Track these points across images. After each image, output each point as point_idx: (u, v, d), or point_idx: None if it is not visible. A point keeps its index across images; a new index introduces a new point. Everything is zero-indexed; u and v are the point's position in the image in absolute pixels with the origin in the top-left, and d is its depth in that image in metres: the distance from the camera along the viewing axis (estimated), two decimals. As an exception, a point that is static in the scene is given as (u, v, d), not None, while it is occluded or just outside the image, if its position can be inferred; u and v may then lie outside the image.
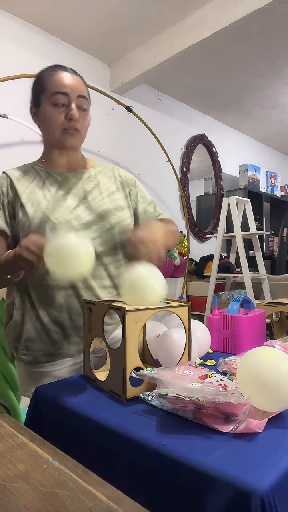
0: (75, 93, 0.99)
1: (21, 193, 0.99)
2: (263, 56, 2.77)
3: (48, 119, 1.00)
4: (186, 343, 0.83)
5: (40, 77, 1.02)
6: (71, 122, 0.99)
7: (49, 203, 0.98)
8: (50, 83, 0.99)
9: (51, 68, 1.02)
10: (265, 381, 0.60)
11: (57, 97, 0.97)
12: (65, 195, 1.02)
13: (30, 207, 0.97)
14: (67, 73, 1.00)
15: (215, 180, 3.92)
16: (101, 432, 0.63)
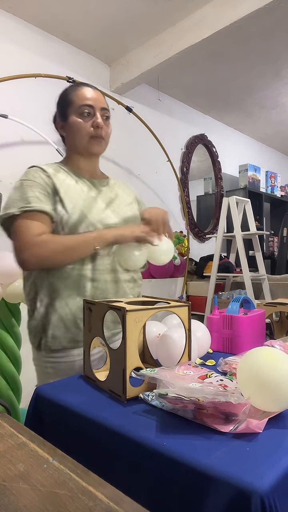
0: (99, 105, 1.11)
1: (59, 187, 1.06)
2: (263, 56, 2.77)
3: (76, 129, 1.10)
4: (186, 343, 0.83)
5: (65, 94, 1.14)
6: (97, 130, 1.10)
7: (85, 201, 1.08)
8: (76, 97, 1.11)
9: (75, 85, 1.15)
10: (265, 381, 0.60)
11: (84, 108, 1.09)
12: (95, 197, 1.12)
13: (69, 202, 1.05)
14: (90, 88, 1.13)
15: (215, 180, 3.92)
16: (101, 432, 0.63)
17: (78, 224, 1.03)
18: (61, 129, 1.16)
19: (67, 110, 1.12)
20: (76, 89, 1.13)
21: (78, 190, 1.09)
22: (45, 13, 2.31)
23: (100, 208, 1.10)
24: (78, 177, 1.13)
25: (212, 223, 3.84)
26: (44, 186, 1.05)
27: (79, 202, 1.06)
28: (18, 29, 2.35)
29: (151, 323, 1.00)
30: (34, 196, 1.02)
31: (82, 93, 1.11)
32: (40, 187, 1.04)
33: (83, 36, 2.53)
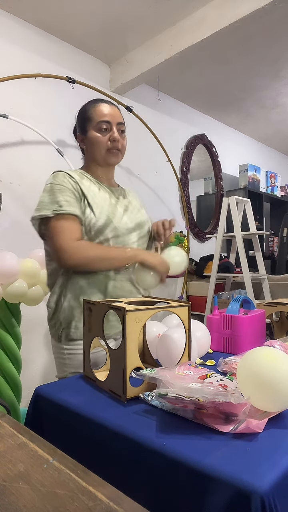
0: (115, 120, 1.22)
1: (86, 193, 1.16)
2: (263, 56, 2.77)
3: (95, 142, 1.21)
4: (186, 343, 0.83)
5: (84, 110, 1.24)
6: (114, 143, 1.21)
7: (109, 208, 1.19)
8: (95, 114, 1.21)
9: (94, 101, 1.25)
10: (265, 381, 0.60)
11: (102, 124, 1.20)
12: (115, 204, 1.23)
13: (96, 208, 1.15)
14: (107, 105, 1.23)
15: (215, 180, 3.92)
16: (101, 432, 0.63)
17: (104, 227, 1.14)
18: (81, 142, 1.27)
19: (86, 125, 1.23)
20: (95, 106, 1.23)
21: (102, 196, 1.20)
22: (45, 13, 2.31)
23: (120, 214, 1.21)
24: (100, 184, 1.24)
25: (212, 223, 3.84)
26: (72, 190, 1.14)
27: (104, 207, 1.17)
28: (18, 29, 2.35)
29: (151, 323, 1.00)
30: (65, 200, 1.11)
31: (100, 110, 1.21)
32: (69, 192, 1.13)
33: (83, 36, 2.53)
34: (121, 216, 1.21)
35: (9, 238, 2.22)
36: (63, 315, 1.13)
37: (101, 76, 2.83)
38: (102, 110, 1.21)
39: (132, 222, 1.24)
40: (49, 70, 2.41)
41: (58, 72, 2.43)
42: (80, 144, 1.29)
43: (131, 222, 1.24)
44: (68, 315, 1.12)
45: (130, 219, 1.24)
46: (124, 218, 1.22)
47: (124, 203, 1.28)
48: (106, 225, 1.15)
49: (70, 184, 1.15)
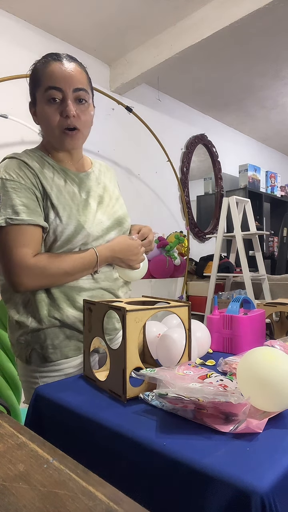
0: (71, 86, 0.89)
1: (50, 192, 0.91)
2: (263, 56, 2.77)
3: (45, 119, 0.91)
4: (186, 343, 0.83)
5: (34, 70, 0.93)
6: (68, 120, 0.90)
7: (79, 207, 0.94)
8: (43, 77, 0.89)
9: (44, 59, 0.92)
10: (265, 381, 0.60)
11: (50, 92, 0.88)
12: (87, 199, 0.98)
13: (63, 211, 0.91)
14: (61, 63, 0.90)
15: (215, 180, 3.92)
16: (101, 432, 0.63)
17: (74, 236, 0.91)
18: (33, 114, 0.97)
19: (35, 92, 0.92)
20: (44, 66, 0.90)
21: (69, 192, 0.95)
22: (45, 13, 2.31)
23: (93, 212, 0.97)
24: (65, 173, 0.97)
25: (212, 223, 3.84)
26: (31, 189, 0.89)
27: (73, 209, 0.93)
28: (18, 29, 2.35)
29: (151, 323, 1.00)
30: (22, 204, 0.86)
31: (49, 72, 0.88)
32: (27, 191, 0.88)
33: (83, 36, 2.53)
34: (94, 214, 0.96)
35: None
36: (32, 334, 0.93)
37: (101, 76, 2.83)
38: (51, 72, 0.88)
39: (109, 219, 1.00)
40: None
41: (58, 72, 2.43)
42: (33, 118, 0.98)
43: (108, 219, 1.00)
44: (39, 334, 0.92)
45: (106, 215, 1.00)
46: (98, 216, 0.97)
47: (98, 192, 1.02)
48: (76, 233, 0.91)
49: (28, 178, 0.89)
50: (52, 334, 0.93)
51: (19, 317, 0.94)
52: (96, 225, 0.96)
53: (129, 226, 1.08)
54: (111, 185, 1.09)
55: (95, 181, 1.04)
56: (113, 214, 1.02)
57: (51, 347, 0.93)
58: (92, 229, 0.95)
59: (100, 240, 0.98)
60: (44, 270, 0.88)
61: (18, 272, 0.86)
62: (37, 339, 0.93)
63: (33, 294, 0.92)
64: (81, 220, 0.93)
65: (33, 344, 0.94)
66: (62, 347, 0.94)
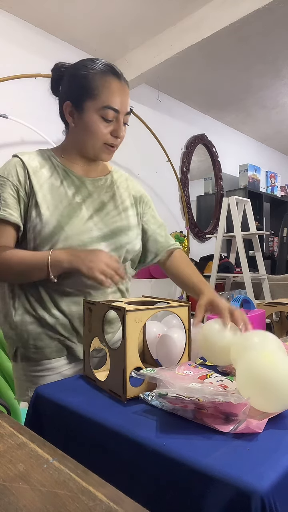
0: (125, 110, 0.94)
1: (37, 191, 0.92)
2: (263, 56, 2.77)
3: (91, 131, 0.93)
4: (186, 343, 0.83)
5: (87, 77, 0.91)
6: (116, 140, 0.96)
7: (65, 209, 0.93)
8: (102, 93, 0.90)
9: (104, 71, 0.92)
10: (264, 382, 0.60)
11: (108, 112, 0.91)
12: (80, 203, 0.96)
13: (46, 210, 0.91)
14: (120, 83, 0.93)
15: (215, 180, 3.92)
16: (101, 432, 0.63)
17: (51, 236, 0.90)
18: (70, 115, 0.96)
19: (84, 99, 0.92)
20: (104, 78, 0.91)
21: (61, 193, 0.94)
22: (45, 13, 2.31)
23: (83, 218, 0.94)
24: (66, 174, 0.98)
25: (212, 223, 3.84)
26: (16, 186, 0.91)
27: (57, 209, 0.92)
28: (18, 29, 2.35)
29: (151, 323, 1.00)
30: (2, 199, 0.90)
31: (111, 91, 0.90)
32: (11, 188, 0.91)
33: (83, 36, 2.53)
34: (83, 221, 0.94)
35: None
36: (15, 331, 0.94)
37: (101, 76, 2.83)
38: (114, 91, 0.91)
39: (102, 229, 0.96)
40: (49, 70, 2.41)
41: (58, 72, 2.43)
42: (66, 115, 0.96)
43: (100, 228, 0.96)
44: (22, 332, 0.93)
45: (101, 224, 0.97)
46: (88, 224, 0.94)
47: (101, 199, 1.00)
48: (54, 233, 0.90)
49: (17, 177, 0.92)
50: (35, 333, 0.94)
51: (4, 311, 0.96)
52: (82, 231, 0.93)
53: (126, 240, 1.00)
54: (124, 195, 1.06)
55: (103, 188, 1.03)
56: (109, 224, 0.99)
57: (33, 347, 0.94)
58: (74, 233, 0.92)
59: (89, 248, 0.93)
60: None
61: None
62: (21, 338, 0.94)
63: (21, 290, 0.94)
64: (62, 221, 0.92)
65: (17, 343, 0.95)
66: (44, 347, 0.94)
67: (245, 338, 0.78)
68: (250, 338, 0.77)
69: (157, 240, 1.11)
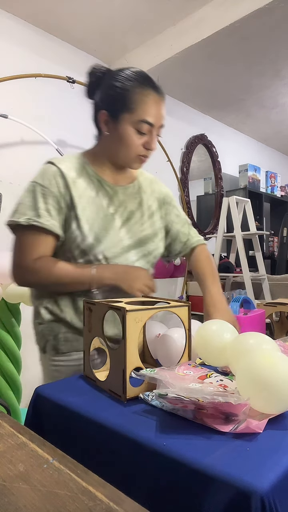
0: (159, 123, 0.97)
1: (77, 203, 0.96)
2: (263, 56, 2.77)
3: (125, 142, 0.96)
4: (186, 343, 0.83)
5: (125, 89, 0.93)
6: (148, 152, 1.00)
7: (102, 221, 0.98)
8: (139, 108, 0.93)
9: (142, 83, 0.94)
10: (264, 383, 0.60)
11: (143, 125, 0.94)
12: (114, 214, 1.01)
13: (85, 223, 0.96)
14: (158, 97, 0.96)
15: (215, 180, 3.92)
16: (101, 432, 0.63)
17: (91, 248, 0.96)
18: (104, 124, 0.98)
19: (121, 110, 0.94)
20: (142, 92, 0.93)
21: (97, 205, 0.99)
22: (45, 13, 2.31)
23: (116, 229, 1.00)
24: (100, 184, 1.01)
25: (212, 223, 3.84)
26: (58, 198, 0.95)
27: (96, 223, 0.97)
28: (18, 29, 2.35)
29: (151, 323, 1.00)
30: (45, 209, 0.93)
31: (148, 105, 0.93)
32: (53, 199, 0.94)
33: (83, 36, 2.53)
34: (117, 231, 1.00)
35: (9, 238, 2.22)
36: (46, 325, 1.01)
37: (101, 76, 2.83)
38: (151, 105, 0.93)
39: (131, 238, 1.02)
40: (49, 70, 2.41)
41: (58, 72, 2.43)
42: (101, 123, 0.98)
43: (130, 237, 1.02)
44: (53, 327, 1.00)
45: (129, 234, 1.02)
46: (120, 233, 1.00)
47: (130, 208, 1.05)
48: (93, 246, 0.96)
49: (58, 188, 0.95)
50: (65, 328, 0.99)
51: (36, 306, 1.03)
52: (116, 243, 0.99)
53: (153, 247, 1.08)
54: (150, 200, 1.11)
55: (132, 195, 1.07)
56: (138, 233, 1.04)
57: (64, 339, 0.99)
58: (109, 245, 0.98)
59: (120, 258, 1.00)
60: (38, 272, 0.95)
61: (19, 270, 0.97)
62: (51, 332, 1.00)
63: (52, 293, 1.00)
64: (99, 234, 0.97)
65: (47, 337, 1.01)
66: (73, 340, 1.00)
67: (241, 340, 0.78)
68: (246, 340, 0.77)
69: (180, 239, 1.17)
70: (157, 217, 1.11)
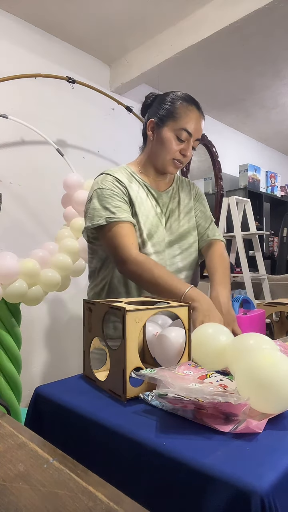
0: (197, 135, 1.13)
1: (134, 201, 1.10)
2: (263, 56, 2.77)
3: (166, 145, 1.10)
4: (186, 343, 0.83)
5: (175, 101, 1.12)
6: (183, 158, 1.12)
7: (153, 219, 1.12)
8: (183, 118, 1.09)
9: (188, 101, 1.13)
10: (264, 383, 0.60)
11: (183, 133, 1.09)
12: (161, 213, 1.16)
13: (141, 217, 1.10)
14: (199, 114, 1.13)
15: (215, 180, 3.91)
16: (101, 432, 0.63)
17: (146, 241, 1.08)
18: (150, 130, 1.14)
19: (167, 118, 1.11)
20: (187, 106, 1.11)
21: (148, 205, 1.13)
22: (45, 13, 2.31)
23: (162, 225, 1.14)
24: (148, 188, 1.16)
25: (212, 223, 3.84)
26: (122, 195, 1.08)
27: (149, 219, 1.11)
28: (18, 29, 2.35)
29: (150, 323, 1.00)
30: (117, 206, 1.05)
31: (191, 117, 1.10)
32: (119, 197, 1.07)
33: (83, 36, 2.53)
34: (162, 228, 1.14)
35: (9, 238, 2.22)
36: None
37: (101, 76, 2.82)
38: (192, 118, 1.11)
39: (172, 233, 1.16)
40: (49, 70, 2.41)
41: (58, 72, 2.43)
42: (148, 129, 1.15)
43: (172, 233, 1.16)
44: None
45: (171, 230, 1.16)
46: (165, 230, 1.15)
47: (170, 207, 1.19)
48: (148, 239, 1.09)
49: (119, 189, 1.09)
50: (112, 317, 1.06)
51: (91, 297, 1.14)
52: (163, 239, 1.12)
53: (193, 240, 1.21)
54: (186, 198, 1.25)
55: (171, 197, 1.21)
56: (178, 229, 1.17)
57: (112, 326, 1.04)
58: (159, 240, 1.11)
59: (165, 252, 1.12)
60: (141, 264, 1.00)
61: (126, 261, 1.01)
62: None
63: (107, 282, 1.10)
64: (152, 230, 1.11)
65: None
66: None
67: (240, 341, 0.78)
68: (245, 340, 0.77)
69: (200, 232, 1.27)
70: (193, 213, 1.24)
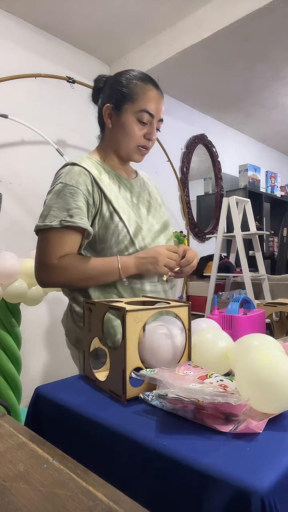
0: (159, 116, 1.04)
1: (110, 197, 0.99)
2: (263, 56, 2.77)
3: (127, 131, 1.02)
4: (186, 343, 0.83)
5: (129, 83, 1.01)
6: (148, 142, 1.06)
7: (134, 211, 1.03)
8: (141, 98, 1.00)
9: (144, 80, 1.02)
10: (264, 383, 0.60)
11: (144, 115, 1.01)
12: (138, 203, 1.07)
13: (123, 214, 0.99)
14: (158, 93, 1.03)
15: (215, 180, 3.91)
16: (101, 432, 0.63)
17: (135, 236, 0.99)
18: (108, 117, 1.04)
19: (124, 102, 1.01)
20: (144, 86, 1.01)
21: (124, 197, 1.03)
22: (45, 13, 2.31)
23: (144, 215, 1.06)
24: (119, 178, 1.07)
25: (212, 223, 3.84)
26: (86, 196, 0.96)
27: (130, 212, 1.01)
28: (18, 29, 2.35)
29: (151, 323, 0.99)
30: (77, 207, 0.94)
31: (150, 97, 1.00)
32: (83, 197, 0.95)
33: (83, 36, 2.53)
34: (145, 218, 1.05)
35: (9, 238, 2.22)
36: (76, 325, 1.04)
37: (101, 76, 2.82)
38: (151, 98, 1.00)
39: (158, 222, 1.08)
40: (49, 70, 2.41)
41: (58, 72, 2.43)
42: (105, 117, 1.05)
43: (157, 222, 1.08)
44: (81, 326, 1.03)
45: (156, 219, 1.08)
46: (149, 220, 1.06)
47: (146, 198, 1.11)
48: (137, 232, 0.99)
49: (86, 186, 0.96)
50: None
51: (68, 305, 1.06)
52: (149, 228, 1.04)
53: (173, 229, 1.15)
54: (154, 192, 1.18)
55: (142, 187, 1.14)
56: (160, 219, 1.11)
57: None
58: (146, 232, 1.03)
59: (154, 243, 1.04)
60: (65, 270, 0.95)
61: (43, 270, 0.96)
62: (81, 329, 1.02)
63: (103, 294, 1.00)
64: (138, 222, 1.01)
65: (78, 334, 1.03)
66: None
67: (244, 342, 0.78)
68: (250, 341, 0.77)
69: None
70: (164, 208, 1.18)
